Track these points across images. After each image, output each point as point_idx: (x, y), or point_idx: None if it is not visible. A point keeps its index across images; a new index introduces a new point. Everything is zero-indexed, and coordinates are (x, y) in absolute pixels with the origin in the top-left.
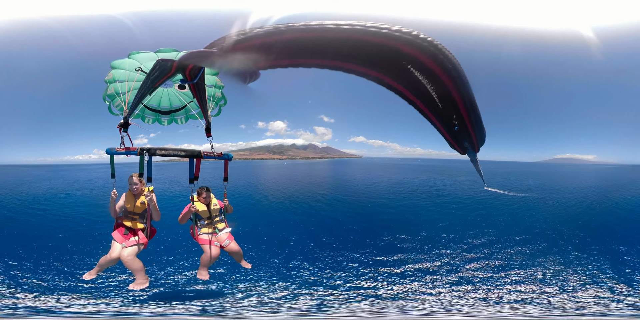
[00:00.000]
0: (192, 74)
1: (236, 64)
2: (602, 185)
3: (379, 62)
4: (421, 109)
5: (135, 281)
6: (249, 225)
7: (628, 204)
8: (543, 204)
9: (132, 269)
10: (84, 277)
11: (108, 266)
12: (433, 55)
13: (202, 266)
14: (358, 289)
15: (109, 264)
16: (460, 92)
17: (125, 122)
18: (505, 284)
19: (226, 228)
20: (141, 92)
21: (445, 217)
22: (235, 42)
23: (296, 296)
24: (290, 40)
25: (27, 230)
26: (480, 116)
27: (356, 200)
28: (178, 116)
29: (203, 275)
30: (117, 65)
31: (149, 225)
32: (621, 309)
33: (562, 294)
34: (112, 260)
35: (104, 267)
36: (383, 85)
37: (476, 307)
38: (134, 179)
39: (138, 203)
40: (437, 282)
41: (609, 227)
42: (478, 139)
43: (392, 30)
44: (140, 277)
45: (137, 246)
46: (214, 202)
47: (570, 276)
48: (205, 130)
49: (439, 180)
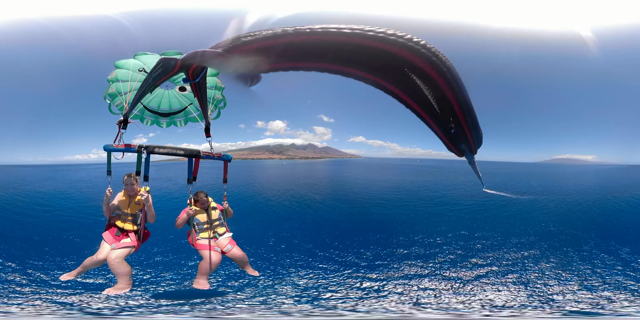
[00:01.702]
0: (195, 73)
1: (239, 66)
2: (611, 186)
3: (377, 66)
4: (418, 112)
5: (115, 285)
6: (243, 228)
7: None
8: (549, 206)
9: (117, 273)
10: (61, 278)
11: (92, 268)
12: (428, 58)
13: (200, 274)
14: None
15: (93, 266)
16: (456, 95)
17: (125, 120)
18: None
19: (227, 232)
20: (142, 90)
21: (446, 220)
22: (239, 43)
23: (296, 296)
24: (292, 43)
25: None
26: (476, 118)
27: (355, 201)
28: (177, 119)
29: (202, 284)
30: (121, 65)
31: (142, 227)
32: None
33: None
34: (98, 261)
35: (87, 269)
36: (381, 89)
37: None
38: (130, 179)
39: (133, 203)
40: (440, 286)
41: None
42: (475, 141)
43: (388, 34)
44: (122, 282)
45: (128, 249)
46: (213, 205)
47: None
48: (205, 131)
49: (438, 182)
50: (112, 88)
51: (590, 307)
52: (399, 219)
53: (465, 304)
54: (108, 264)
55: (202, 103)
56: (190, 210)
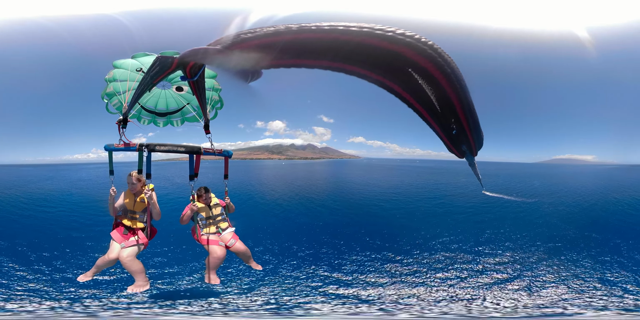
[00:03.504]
0: (193, 71)
1: (239, 62)
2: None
3: (381, 64)
4: (420, 113)
5: (135, 283)
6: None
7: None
8: (555, 208)
9: (132, 271)
10: (78, 279)
11: (106, 267)
12: (433, 59)
13: (210, 269)
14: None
15: (107, 265)
16: (459, 96)
17: (124, 119)
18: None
19: (229, 227)
20: (140, 88)
21: (446, 223)
22: (239, 40)
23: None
24: (294, 40)
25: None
26: (478, 120)
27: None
28: (174, 118)
29: (213, 279)
30: (119, 64)
31: (149, 224)
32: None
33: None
34: (110, 261)
35: (101, 269)
36: (384, 88)
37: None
38: (132, 178)
39: (138, 201)
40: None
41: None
42: (476, 143)
43: (397, 33)
44: (140, 279)
45: (137, 246)
46: (215, 201)
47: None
48: (204, 128)
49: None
50: (109, 87)
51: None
52: (399, 222)
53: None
54: (121, 263)
55: (200, 100)
56: (193, 206)
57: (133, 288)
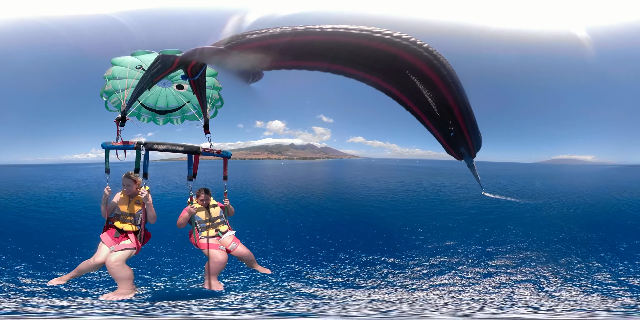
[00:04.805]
0: (194, 70)
1: (240, 63)
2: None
3: (379, 67)
4: (418, 115)
5: (117, 290)
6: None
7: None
8: (566, 210)
9: (118, 277)
10: (49, 283)
11: (88, 272)
12: (429, 61)
13: (210, 275)
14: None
15: (90, 270)
16: (456, 98)
17: (122, 117)
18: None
19: (229, 230)
20: (140, 86)
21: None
22: (244, 40)
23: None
24: (296, 41)
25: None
26: (475, 122)
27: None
28: (174, 116)
29: (214, 285)
30: (117, 62)
31: (142, 228)
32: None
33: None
34: (95, 265)
35: (82, 273)
36: (382, 90)
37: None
38: (127, 180)
39: (132, 203)
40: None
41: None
42: (474, 145)
43: (394, 36)
44: (125, 287)
45: (128, 251)
46: (214, 203)
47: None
48: (204, 127)
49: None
50: (108, 85)
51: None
52: (399, 222)
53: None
54: (107, 268)
55: (201, 100)
56: (191, 208)
57: (112, 295)
